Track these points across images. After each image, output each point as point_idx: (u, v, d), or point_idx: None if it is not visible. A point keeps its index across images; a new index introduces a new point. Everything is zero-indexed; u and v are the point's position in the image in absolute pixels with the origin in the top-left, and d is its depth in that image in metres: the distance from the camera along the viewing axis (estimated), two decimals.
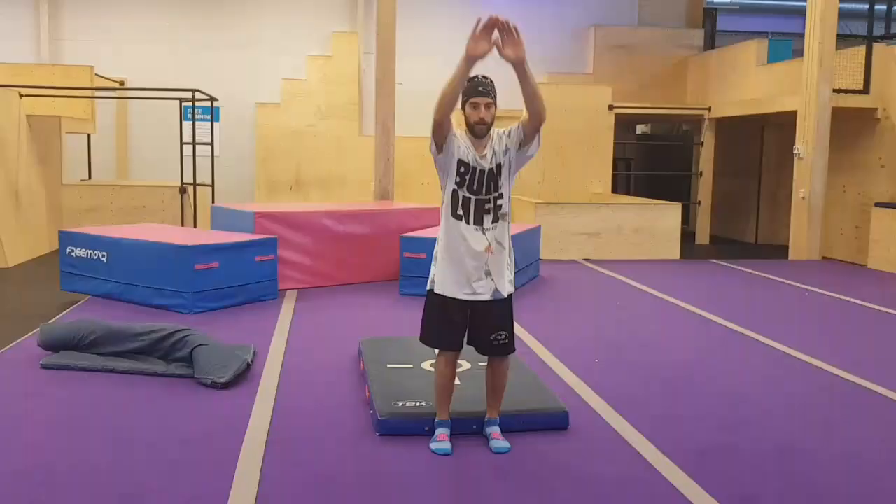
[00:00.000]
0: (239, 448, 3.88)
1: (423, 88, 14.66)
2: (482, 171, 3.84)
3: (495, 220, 3.87)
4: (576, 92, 13.51)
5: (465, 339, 3.95)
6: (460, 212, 3.85)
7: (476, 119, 3.83)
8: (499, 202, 3.88)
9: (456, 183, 3.86)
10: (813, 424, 4.48)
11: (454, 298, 3.85)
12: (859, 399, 4.98)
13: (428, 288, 3.97)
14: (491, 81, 3.93)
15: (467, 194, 3.84)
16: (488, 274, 3.84)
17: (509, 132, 3.95)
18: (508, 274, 3.94)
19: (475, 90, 3.86)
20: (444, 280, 3.88)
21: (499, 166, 3.87)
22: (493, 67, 4.19)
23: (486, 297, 3.85)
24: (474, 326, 3.91)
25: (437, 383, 4.00)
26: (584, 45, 15.86)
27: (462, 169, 3.85)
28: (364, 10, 15.16)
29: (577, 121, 13.29)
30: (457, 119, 3.85)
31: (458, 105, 3.89)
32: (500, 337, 3.89)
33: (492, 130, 3.93)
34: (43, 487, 3.44)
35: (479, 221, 3.85)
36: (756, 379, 5.37)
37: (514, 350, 3.99)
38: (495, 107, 3.89)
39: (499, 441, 3.94)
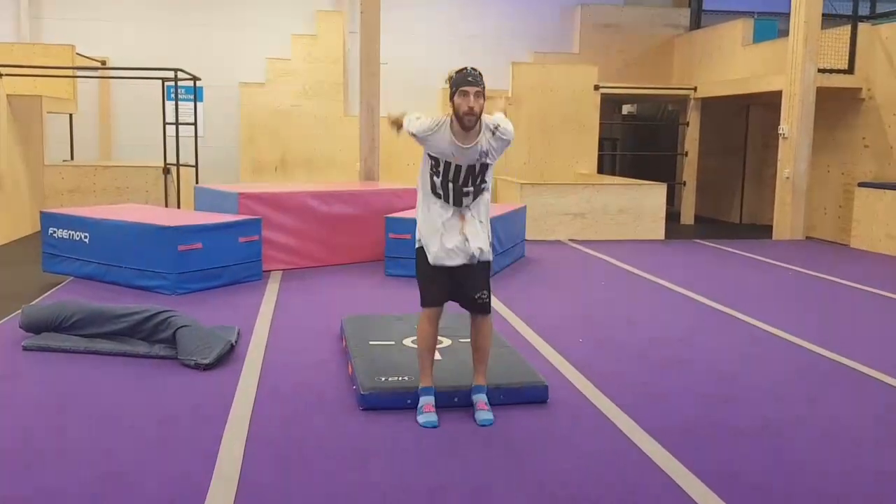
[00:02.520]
0: (223, 427, 3.88)
1: (408, 68, 14.68)
2: (458, 167, 3.89)
3: (475, 197, 3.98)
4: (561, 71, 13.47)
5: (449, 297, 4.05)
6: (439, 191, 3.96)
7: (465, 109, 3.79)
8: (481, 186, 4.00)
9: (432, 171, 3.95)
10: (795, 402, 4.52)
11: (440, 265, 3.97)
12: (841, 377, 5.03)
13: (416, 246, 4.09)
14: (480, 73, 3.88)
15: (447, 181, 3.93)
16: (466, 240, 3.94)
17: (495, 136, 3.93)
18: (485, 239, 4.02)
19: (464, 80, 3.82)
20: (427, 245, 4.01)
21: (484, 165, 3.94)
22: (482, 50, 4.18)
23: (465, 261, 3.95)
24: (457, 286, 4.02)
25: (420, 345, 4.05)
26: (570, 24, 15.79)
27: (434, 162, 3.93)
28: None
29: (563, 100, 13.27)
30: (443, 105, 3.84)
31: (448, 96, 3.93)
32: (483, 296, 4.00)
33: (482, 124, 3.90)
34: (25, 468, 3.42)
35: (458, 203, 3.96)
36: (739, 357, 5.41)
37: (490, 311, 4.07)
38: (484, 98, 3.84)
39: (484, 412, 4.00)
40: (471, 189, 3.94)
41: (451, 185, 3.93)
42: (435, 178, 3.94)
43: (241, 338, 5.45)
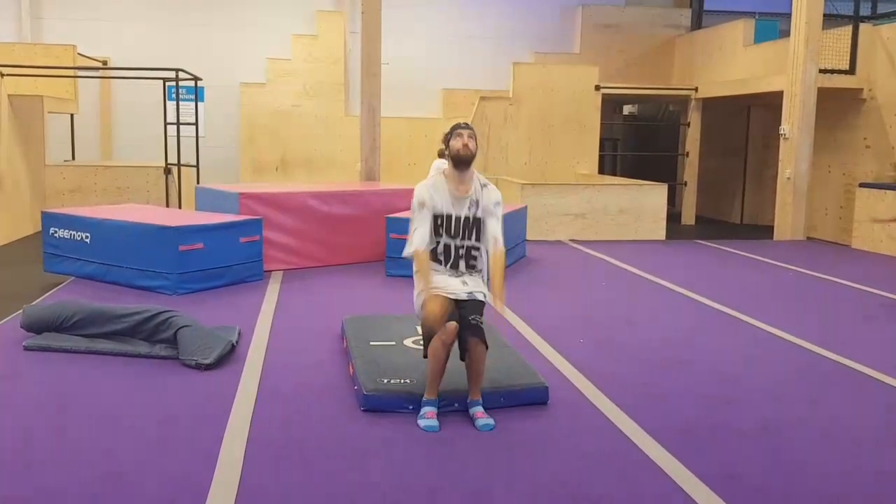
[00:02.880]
0: (224, 428, 3.88)
1: (408, 68, 14.69)
2: (458, 219, 4.12)
3: (469, 266, 4.15)
4: (563, 72, 13.47)
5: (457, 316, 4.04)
6: (440, 257, 4.15)
7: (460, 145, 4.09)
8: (473, 253, 4.16)
9: (437, 234, 4.14)
10: (795, 403, 4.52)
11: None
12: (842, 378, 5.03)
13: (417, 304, 4.16)
14: (473, 128, 4.23)
15: (447, 241, 4.13)
16: (465, 285, 4.12)
17: (490, 210, 4.15)
18: (484, 288, 4.18)
19: (458, 126, 4.19)
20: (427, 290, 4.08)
21: (476, 219, 4.14)
22: (482, 51, 4.21)
23: (464, 297, 4.07)
24: (458, 308, 4.06)
25: (430, 367, 4.05)
26: (571, 25, 15.79)
27: (439, 220, 4.14)
28: None
29: (564, 101, 13.27)
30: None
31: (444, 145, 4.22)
32: (476, 318, 4.01)
33: (478, 179, 4.19)
34: (26, 468, 3.43)
35: (454, 266, 4.14)
36: (740, 358, 5.41)
37: (486, 345, 4.04)
38: (476, 145, 4.15)
39: (483, 419, 4.00)
40: (463, 251, 4.11)
41: (451, 243, 4.11)
42: (437, 238, 4.12)
43: (242, 338, 5.45)
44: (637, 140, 17.18)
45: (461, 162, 4.09)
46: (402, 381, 4.26)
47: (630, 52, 15.51)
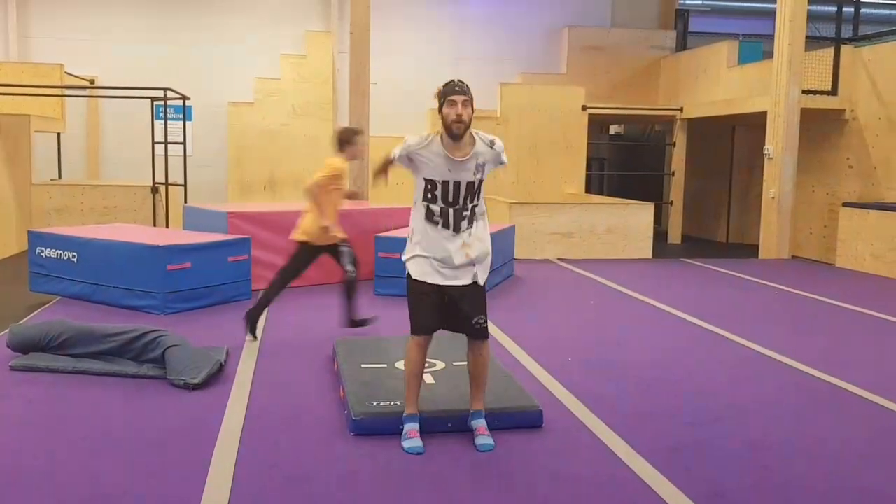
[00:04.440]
0: (212, 449, 3.86)
1: (397, 88, 14.77)
2: (457, 184, 3.81)
3: (471, 222, 3.90)
4: (549, 92, 13.58)
5: (440, 325, 3.97)
6: (437, 219, 3.86)
7: (454, 116, 3.75)
8: (476, 210, 3.91)
9: (429, 199, 3.86)
10: (782, 421, 4.55)
11: (431, 283, 3.89)
12: (828, 396, 5.07)
13: (406, 273, 3.99)
14: (467, 85, 3.87)
15: (443, 206, 3.84)
16: (472, 263, 3.89)
17: (492, 150, 3.91)
18: (486, 264, 3.98)
19: (452, 90, 3.81)
20: (420, 269, 3.91)
21: (480, 182, 3.87)
22: (470, 71, 4.24)
23: (466, 281, 3.89)
24: (455, 311, 3.93)
25: (406, 371, 3.95)
26: (557, 46, 15.94)
27: (430, 186, 3.83)
28: (338, 9, 15.11)
29: (551, 121, 13.37)
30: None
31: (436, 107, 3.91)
32: (480, 320, 3.90)
33: (475, 135, 3.87)
34: (11, 489, 3.40)
35: (457, 228, 3.86)
36: (727, 376, 5.44)
37: (488, 336, 3.99)
38: (472, 108, 3.82)
39: (484, 437, 3.95)
40: (468, 213, 3.86)
41: (450, 210, 3.83)
42: (432, 205, 3.84)
43: (230, 358, 5.43)
44: (623, 160, 17.31)
45: (454, 135, 3.77)
46: (392, 403, 4.24)
47: (616, 73, 15.66)
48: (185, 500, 3.31)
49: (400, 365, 4.92)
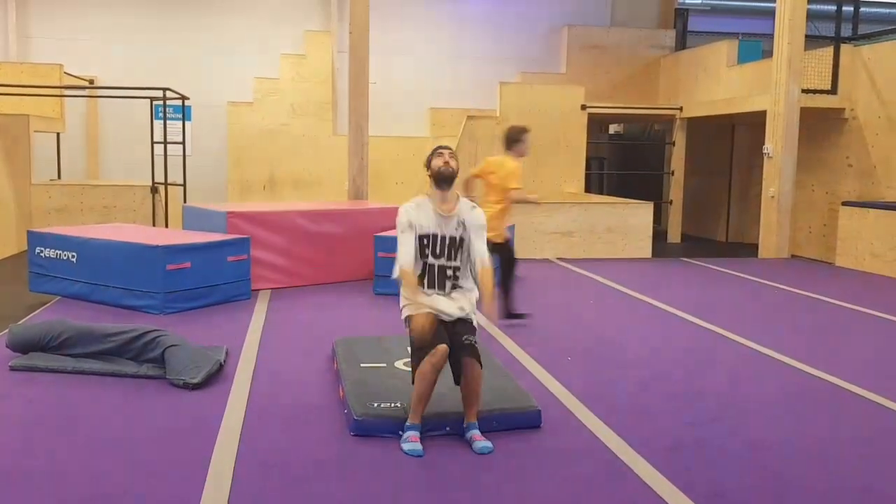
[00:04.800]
0: (211, 449, 3.86)
1: (396, 88, 14.77)
2: (444, 238, 4.15)
3: (454, 287, 4.16)
4: (549, 92, 13.57)
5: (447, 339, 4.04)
6: (424, 280, 4.16)
7: (441, 163, 4.17)
8: (458, 274, 4.17)
9: (423, 255, 4.17)
10: (782, 420, 4.55)
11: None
12: (827, 396, 5.07)
13: (403, 316, 4.19)
14: (453, 149, 4.33)
15: (432, 261, 4.16)
16: (455, 301, 4.17)
17: (477, 232, 4.19)
18: (472, 305, 4.21)
19: (439, 147, 4.30)
20: (418, 309, 4.08)
21: (462, 239, 4.17)
22: (469, 71, 4.24)
23: (455, 316, 4.12)
24: (449, 333, 4.06)
25: (417, 389, 4.01)
26: (557, 45, 15.94)
27: (425, 240, 4.15)
28: (337, 8, 15.12)
29: (551, 120, 13.35)
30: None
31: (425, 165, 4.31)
32: (469, 338, 4.04)
33: (464, 201, 4.25)
34: (11, 490, 3.40)
35: (441, 287, 4.15)
36: (726, 376, 5.44)
37: (481, 365, 4.05)
38: (457, 164, 4.22)
39: (481, 442, 3.97)
40: (450, 271, 4.14)
41: (436, 263, 4.13)
42: (422, 258, 4.15)
43: (230, 357, 5.44)
44: (623, 159, 17.31)
45: (442, 180, 4.15)
46: (393, 405, 4.24)
47: (616, 73, 15.66)
48: (185, 500, 3.31)
49: (399, 364, 4.93)
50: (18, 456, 3.79)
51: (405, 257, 4.12)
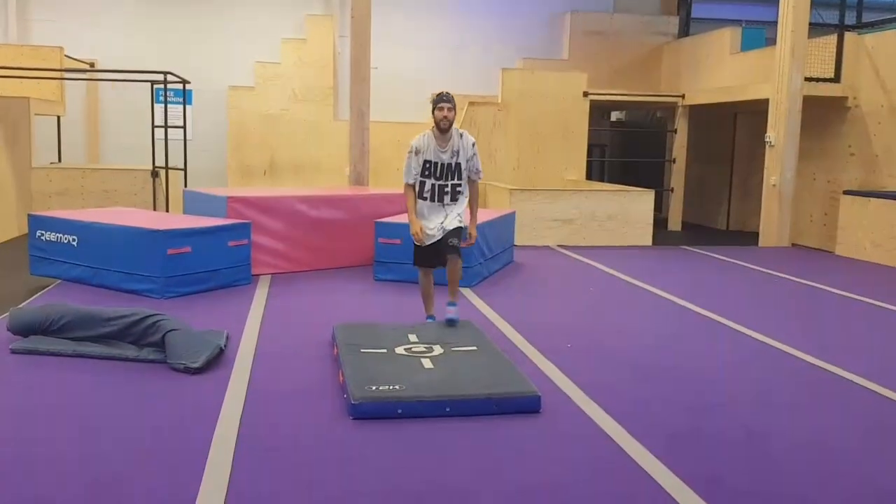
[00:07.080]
0: (212, 433, 3.87)
1: (398, 73, 14.73)
2: (443, 165, 5.59)
3: (453, 199, 5.66)
4: (551, 78, 13.53)
5: (434, 261, 5.64)
6: (426, 194, 5.65)
7: (440, 117, 5.51)
8: (457, 189, 5.67)
9: (424, 176, 5.63)
10: (780, 409, 4.56)
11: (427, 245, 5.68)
12: (826, 384, 5.08)
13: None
14: (452, 96, 5.58)
15: (432, 181, 5.62)
16: (442, 225, 5.61)
17: (469, 154, 5.65)
18: (460, 217, 5.65)
19: (440, 100, 5.54)
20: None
21: (457, 164, 5.62)
22: (471, 56, 4.24)
23: (439, 237, 5.62)
24: (438, 243, 5.60)
25: (421, 291, 5.85)
26: (559, 31, 15.88)
27: (427, 165, 5.60)
28: None
29: (552, 107, 13.32)
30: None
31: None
32: (453, 241, 5.53)
33: (457, 132, 5.61)
34: (11, 474, 3.41)
35: (440, 200, 5.65)
36: (725, 364, 5.46)
37: (461, 257, 5.62)
38: (454, 112, 5.58)
39: (451, 315, 5.57)
40: (448, 188, 5.61)
41: (434, 183, 5.59)
42: (425, 181, 5.61)
43: (230, 342, 5.45)
44: (624, 146, 17.28)
45: (442, 129, 5.53)
46: (391, 387, 4.27)
47: (618, 59, 15.60)
48: (185, 484, 3.33)
49: (399, 350, 4.97)
50: (17, 440, 3.79)
51: (412, 172, 5.60)
